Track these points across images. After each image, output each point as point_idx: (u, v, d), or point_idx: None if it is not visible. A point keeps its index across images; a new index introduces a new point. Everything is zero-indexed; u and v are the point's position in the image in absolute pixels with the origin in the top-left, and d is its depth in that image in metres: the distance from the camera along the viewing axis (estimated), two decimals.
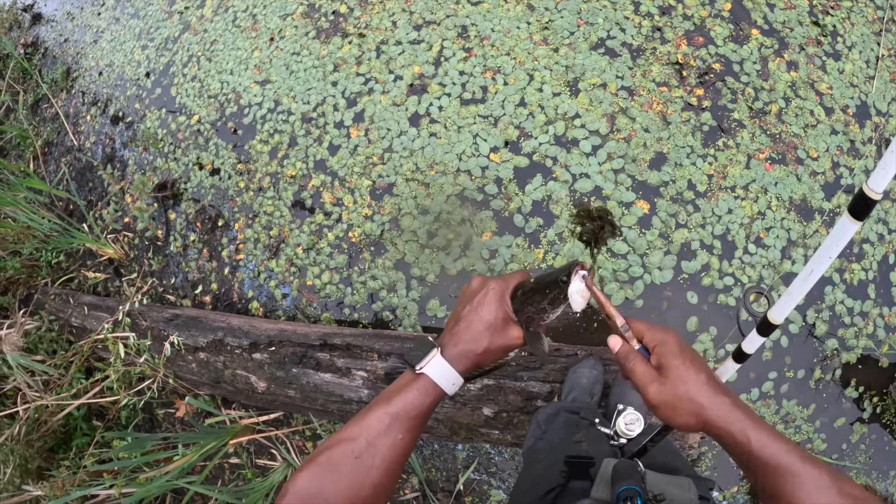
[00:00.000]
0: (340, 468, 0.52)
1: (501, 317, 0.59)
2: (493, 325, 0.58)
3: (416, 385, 0.56)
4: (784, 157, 1.92)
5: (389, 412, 0.54)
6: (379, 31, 2.23)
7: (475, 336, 0.58)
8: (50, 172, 2.97)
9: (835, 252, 0.52)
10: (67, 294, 2.47)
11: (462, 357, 0.58)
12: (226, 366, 1.91)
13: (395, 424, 0.54)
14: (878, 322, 1.86)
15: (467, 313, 0.60)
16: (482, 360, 0.59)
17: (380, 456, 0.53)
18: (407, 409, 0.55)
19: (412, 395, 0.55)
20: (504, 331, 0.59)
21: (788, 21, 2.09)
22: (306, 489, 0.51)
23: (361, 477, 0.52)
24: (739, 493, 1.80)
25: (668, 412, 0.53)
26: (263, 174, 2.21)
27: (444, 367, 0.57)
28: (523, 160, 1.92)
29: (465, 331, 0.59)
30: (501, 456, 1.83)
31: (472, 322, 0.59)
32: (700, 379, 0.52)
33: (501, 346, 0.59)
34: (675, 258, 1.80)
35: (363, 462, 0.52)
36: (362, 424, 0.54)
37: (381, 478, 0.53)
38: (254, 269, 2.16)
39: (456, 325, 0.60)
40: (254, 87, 2.35)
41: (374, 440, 0.53)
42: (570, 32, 2.07)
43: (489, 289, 0.60)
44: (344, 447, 0.53)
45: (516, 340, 0.59)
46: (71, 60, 3.18)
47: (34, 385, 2.27)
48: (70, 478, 2.04)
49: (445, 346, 0.58)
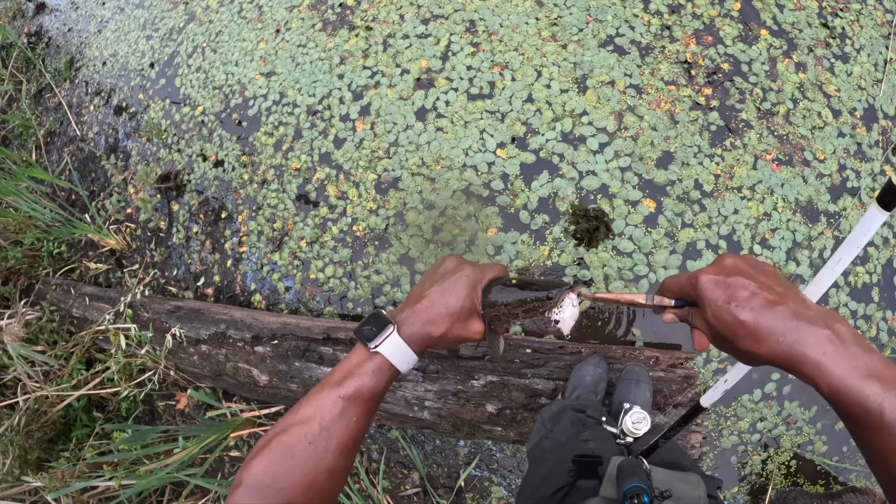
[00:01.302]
0: (294, 455, 0.50)
1: (468, 307, 0.55)
2: (456, 314, 0.55)
3: (370, 365, 0.53)
4: (791, 158, 1.92)
5: (343, 395, 0.52)
6: (386, 24, 2.22)
7: (435, 319, 0.55)
8: (52, 162, 2.95)
9: (862, 241, 0.51)
10: (69, 284, 2.45)
11: (418, 337, 0.55)
12: (228, 359, 1.90)
13: (349, 408, 0.52)
14: (881, 325, 1.86)
15: (433, 293, 0.56)
16: (436, 345, 0.56)
17: (335, 440, 0.51)
18: (362, 391, 0.53)
19: (366, 377, 0.53)
20: (466, 322, 0.56)
21: (798, 22, 2.08)
22: (260, 479, 0.49)
23: (316, 462, 0.50)
24: (740, 493, 1.80)
25: (739, 359, 0.46)
26: (268, 166, 2.20)
27: (400, 346, 0.54)
28: (530, 156, 1.91)
29: (426, 310, 0.55)
30: (503, 453, 1.83)
31: (436, 304, 0.55)
32: (739, 324, 0.44)
33: (459, 337, 0.56)
34: (680, 257, 1.79)
35: (317, 447, 0.50)
36: (315, 406, 0.52)
37: (337, 461, 0.51)
38: (257, 262, 2.15)
39: (418, 303, 0.56)
40: (259, 79, 2.34)
41: (328, 425, 0.51)
42: (579, 29, 2.06)
43: (463, 274, 0.57)
44: (297, 432, 0.51)
45: (476, 335, 0.57)
46: (75, 50, 3.16)
47: (34, 376, 2.26)
48: (70, 469, 2.04)
49: (402, 324, 0.55)
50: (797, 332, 0.42)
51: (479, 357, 1.65)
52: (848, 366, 0.40)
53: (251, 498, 0.48)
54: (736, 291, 0.45)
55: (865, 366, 0.40)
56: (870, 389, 0.39)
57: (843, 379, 0.40)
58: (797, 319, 0.42)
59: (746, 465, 1.80)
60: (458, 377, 1.64)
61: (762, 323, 0.43)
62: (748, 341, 0.44)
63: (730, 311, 0.45)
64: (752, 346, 0.44)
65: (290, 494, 0.49)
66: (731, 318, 0.44)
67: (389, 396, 1.70)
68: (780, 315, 0.43)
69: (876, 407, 0.39)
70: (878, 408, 0.39)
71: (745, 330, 0.44)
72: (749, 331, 0.44)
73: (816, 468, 1.82)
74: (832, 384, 0.40)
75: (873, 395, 0.39)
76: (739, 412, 1.79)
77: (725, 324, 0.45)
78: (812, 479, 1.82)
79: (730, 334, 0.45)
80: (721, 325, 0.45)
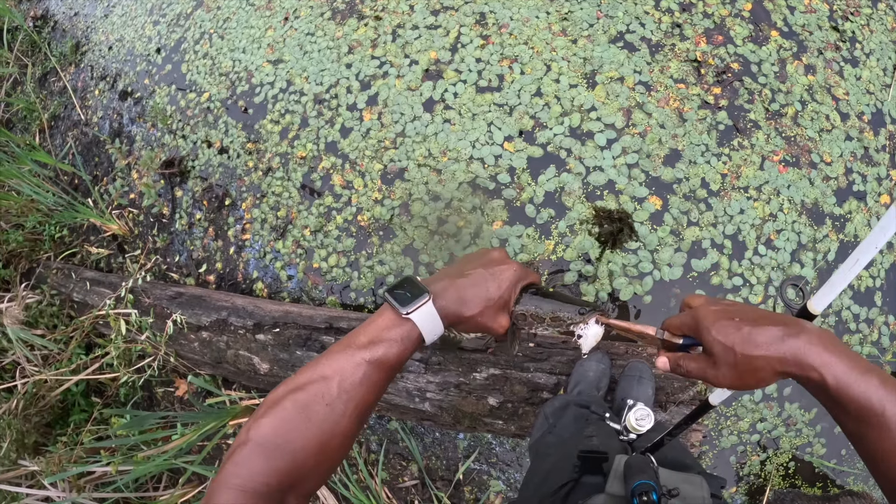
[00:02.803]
0: (310, 416, 0.47)
1: (505, 299, 0.56)
2: (492, 303, 0.55)
3: (398, 332, 0.51)
4: (798, 160, 1.91)
5: (368, 359, 0.50)
6: (396, 14, 2.21)
7: (472, 299, 0.54)
8: (56, 146, 2.94)
9: (881, 242, 0.51)
10: (70, 269, 2.44)
11: (450, 312, 0.54)
12: (228, 346, 1.89)
13: (372, 373, 0.50)
14: (883, 330, 1.86)
15: (477, 275, 0.56)
16: (462, 324, 0.55)
17: (353, 403, 0.49)
18: (388, 357, 0.50)
19: (395, 344, 0.51)
20: (497, 314, 0.56)
21: (808, 24, 2.08)
22: (270, 438, 0.46)
23: (332, 426, 0.48)
24: (738, 493, 1.81)
25: (740, 383, 0.49)
26: (273, 154, 2.19)
27: (432, 316, 0.52)
28: (537, 150, 1.90)
29: (465, 288, 0.55)
30: (503, 447, 1.83)
31: (478, 285, 0.55)
32: (741, 335, 0.48)
33: (485, 325, 0.56)
34: (685, 255, 1.79)
35: (335, 410, 0.48)
36: (335, 366, 0.49)
37: (351, 426, 0.49)
38: (260, 250, 2.14)
39: (460, 279, 0.56)
40: (266, 67, 2.33)
41: (348, 387, 0.48)
42: (590, 24, 2.05)
43: (511, 268, 0.58)
44: (313, 390, 0.48)
45: (499, 329, 0.57)
46: (81, 34, 3.14)
47: (33, 359, 2.25)
48: (67, 454, 2.03)
49: (438, 296, 0.54)
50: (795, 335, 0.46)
51: (481, 350, 1.64)
52: (848, 362, 0.44)
53: (257, 458, 0.45)
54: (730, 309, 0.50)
55: (862, 363, 0.44)
56: (871, 384, 0.42)
57: (846, 373, 0.43)
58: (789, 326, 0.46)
59: (745, 466, 1.80)
60: (461, 369, 1.63)
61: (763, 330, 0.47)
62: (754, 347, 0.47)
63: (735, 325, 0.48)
64: (758, 350, 0.46)
65: (301, 457, 0.46)
66: (737, 330, 0.48)
67: (391, 387, 1.70)
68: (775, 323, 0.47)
69: (878, 403, 0.42)
70: (879, 404, 0.42)
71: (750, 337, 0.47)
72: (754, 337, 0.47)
73: (815, 470, 1.82)
74: (837, 377, 0.43)
75: (874, 390, 0.42)
76: (740, 412, 1.79)
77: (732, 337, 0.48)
78: (810, 482, 1.82)
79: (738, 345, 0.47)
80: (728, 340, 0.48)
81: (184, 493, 1.94)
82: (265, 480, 0.44)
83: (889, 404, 0.42)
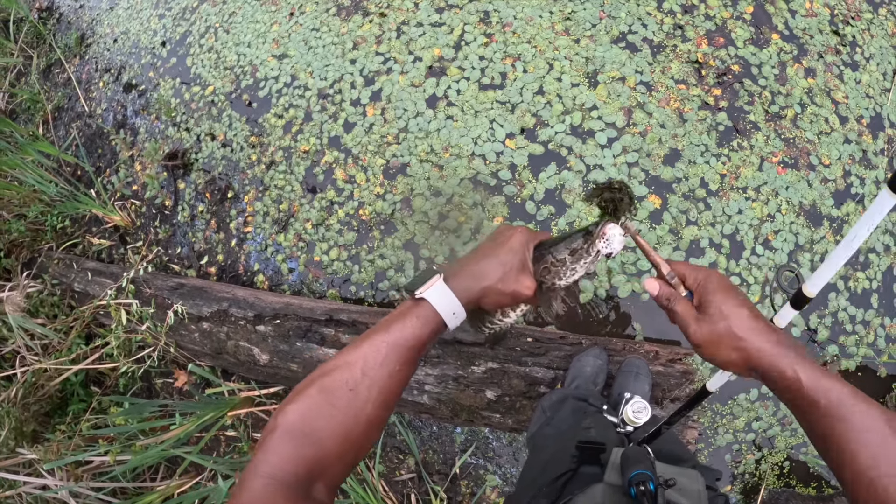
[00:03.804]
0: (335, 402, 0.48)
1: (519, 260, 0.56)
2: (508, 266, 0.55)
3: (414, 312, 0.53)
4: (797, 161, 1.93)
5: (387, 340, 0.51)
6: (401, 11, 2.23)
7: (485, 269, 0.55)
8: (59, 138, 2.95)
9: (875, 222, 0.53)
10: (71, 259, 2.45)
11: (466, 288, 0.54)
12: (229, 337, 1.90)
13: (391, 354, 0.51)
14: (879, 332, 1.88)
15: (486, 247, 0.57)
16: (485, 298, 0.55)
17: (376, 388, 0.49)
18: (406, 337, 0.51)
19: (410, 322, 0.52)
20: (517, 277, 0.55)
21: (809, 28, 2.10)
22: (297, 426, 0.47)
23: (356, 412, 0.49)
24: (733, 491, 1.82)
25: (711, 349, 0.52)
26: (276, 148, 2.21)
27: (445, 292, 0.53)
28: (538, 148, 1.92)
29: (477, 262, 0.56)
30: (499, 441, 1.84)
31: (489, 257, 0.56)
32: (741, 313, 0.51)
33: (510, 291, 0.55)
34: (683, 254, 1.81)
35: (359, 395, 0.49)
36: (358, 353, 0.51)
37: (376, 412, 0.50)
38: (261, 243, 2.15)
39: (471, 256, 0.57)
40: (271, 61, 2.34)
41: (369, 371, 0.50)
42: (592, 24, 2.07)
43: (517, 231, 0.58)
44: (338, 376, 0.49)
45: (527, 290, 0.56)
46: (86, 26, 3.16)
47: (33, 348, 2.26)
48: (65, 442, 2.04)
49: (451, 276, 0.55)
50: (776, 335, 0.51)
51: (480, 343, 1.65)
52: (815, 366, 0.49)
53: (286, 444, 0.46)
54: (736, 293, 0.54)
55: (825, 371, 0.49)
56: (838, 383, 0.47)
57: (817, 373, 0.48)
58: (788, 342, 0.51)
59: (740, 464, 1.81)
60: (459, 362, 1.65)
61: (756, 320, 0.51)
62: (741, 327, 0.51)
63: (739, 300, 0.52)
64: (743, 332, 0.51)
65: (327, 445, 0.47)
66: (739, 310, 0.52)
67: None
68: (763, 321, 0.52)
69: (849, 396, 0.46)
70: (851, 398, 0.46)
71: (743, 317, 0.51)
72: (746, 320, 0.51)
73: (809, 470, 1.83)
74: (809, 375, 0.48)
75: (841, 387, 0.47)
76: (735, 411, 1.80)
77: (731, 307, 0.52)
78: (805, 482, 1.83)
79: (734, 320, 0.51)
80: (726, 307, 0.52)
81: (181, 483, 1.95)
82: (293, 469, 0.45)
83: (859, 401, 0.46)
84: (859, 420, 0.45)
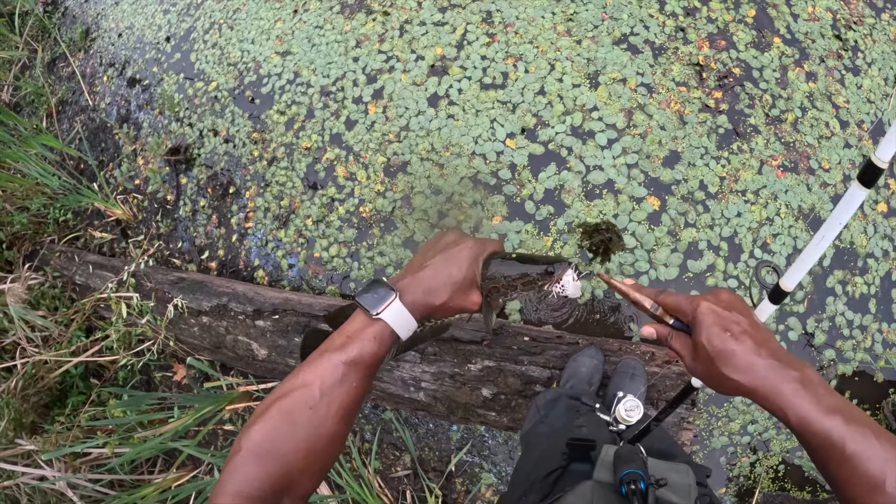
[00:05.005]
0: (295, 420, 0.49)
1: (470, 277, 0.57)
2: (458, 284, 0.56)
3: (372, 331, 0.53)
4: (796, 165, 1.93)
5: (344, 360, 0.52)
6: (404, 10, 2.24)
7: (437, 288, 0.56)
8: (63, 131, 2.97)
9: (844, 218, 0.54)
10: (73, 252, 2.47)
11: (419, 305, 0.55)
12: (228, 331, 1.91)
13: (350, 373, 0.51)
14: (876, 337, 1.88)
15: (437, 263, 0.57)
16: (435, 313, 0.57)
17: (335, 405, 0.51)
18: (363, 356, 0.52)
19: (368, 342, 0.53)
20: (466, 293, 0.57)
21: (811, 32, 2.10)
22: (260, 445, 0.48)
23: (316, 428, 0.50)
24: (727, 494, 1.82)
25: (710, 384, 0.52)
26: (278, 144, 2.22)
27: (402, 313, 0.54)
28: (539, 148, 1.93)
29: (428, 279, 0.56)
30: (495, 440, 1.85)
31: (439, 273, 0.56)
32: (735, 350, 0.50)
33: (458, 307, 0.57)
34: (681, 256, 1.81)
35: (318, 413, 0.50)
36: (315, 372, 0.51)
37: (337, 427, 0.51)
38: (262, 238, 2.16)
39: (421, 271, 0.57)
40: (274, 58, 2.36)
41: (328, 390, 0.50)
42: (594, 26, 2.08)
43: (466, 246, 0.58)
44: (297, 397, 0.50)
45: (473, 306, 0.58)
46: (91, 21, 3.17)
47: (34, 340, 2.27)
48: (64, 434, 2.05)
49: (404, 292, 0.55)
50: (774, 370, 0.48)
51: (477, 341, 1.66)
52: (814, 402, 0.46)
53: (251, 464, 0.47)
54: (731, 324, 0.51)
55: (831, 403, 0.46)
56: (833, 423, 0.45)
57: (809, 412, 0.46)
58: (776, 359, 0.49)
59: (735, 467, 1.81)
60: (456, 360, 1.65)
61: (748, 357, 0.49)
62: (730, 368, 0.50)
63: (724, 339, 0.50)
64: (733, 373, 0.50)
65: (290, 461, 0.49)
66: (723, 346, 0.50)
67: (386, 376, 1.72)
68: (763, 353, 0.50)
69: (838, 439, 0.45)
70: (840, 439, 0.45)
71: (732, 358, 0.50)
72: (735, 359, 0.50)
73: (804, 474, 1.84)
74: (800, 416, 0.46)
75: (836, 428, 0.45)
76: (731, 413, 1.80)
77: (716, 349, 0.51)
78: (799, 486, 1.84)
79: (717, 358, 0.50)
80: (711, 349, 0.51)
81: (178, 476, 1.96)
82: (260, 486, 0.47)
83: (850, 441, 0.44)
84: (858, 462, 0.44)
